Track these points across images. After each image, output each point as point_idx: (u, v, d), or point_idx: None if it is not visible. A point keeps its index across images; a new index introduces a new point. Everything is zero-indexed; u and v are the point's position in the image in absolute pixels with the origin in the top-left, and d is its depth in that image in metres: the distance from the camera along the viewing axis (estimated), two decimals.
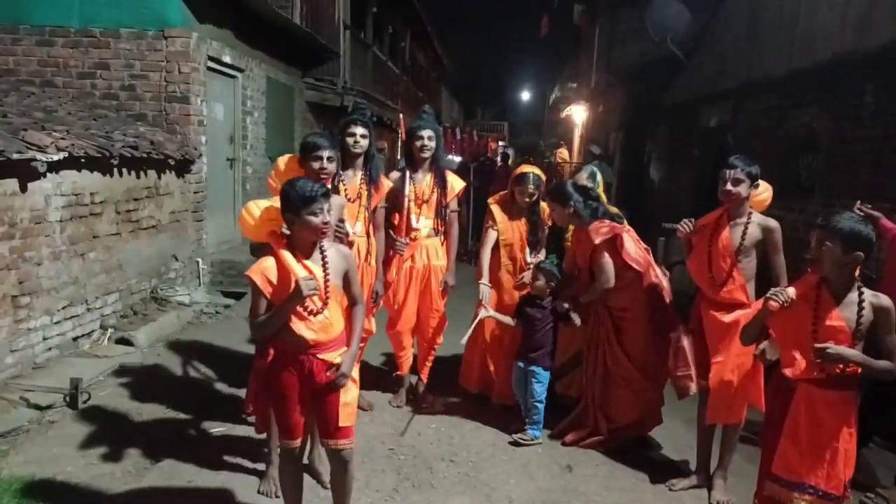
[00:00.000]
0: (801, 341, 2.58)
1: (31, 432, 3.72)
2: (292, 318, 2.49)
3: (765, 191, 3.45)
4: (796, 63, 6.33)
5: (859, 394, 2.64)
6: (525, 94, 44.73)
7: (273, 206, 2.68)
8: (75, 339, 4.93)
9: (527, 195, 4.22)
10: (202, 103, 6.62)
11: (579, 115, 18.26)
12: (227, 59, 7.22)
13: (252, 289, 2.53)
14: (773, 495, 2.69)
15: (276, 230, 2.65)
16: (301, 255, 2.54)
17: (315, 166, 3.23)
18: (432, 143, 4.21)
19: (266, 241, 2.64)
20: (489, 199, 4.50)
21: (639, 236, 3.96)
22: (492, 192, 5.03)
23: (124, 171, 5.44)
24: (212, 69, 6.92)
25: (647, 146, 11.96)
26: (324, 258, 2.57)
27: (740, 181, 3.19)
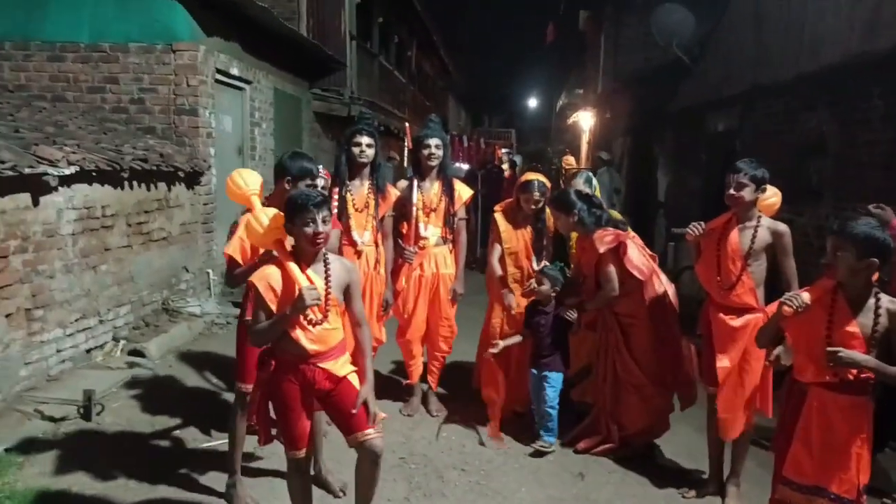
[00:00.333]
0: (814, 346, 2.56)
1: (45, 444, 3.74)
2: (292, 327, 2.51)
3: (773, 195, 3.44)
4: (803, 67, 6.31)
5: (873, 399, 2.62)
6: (532, 101, 44.75)
7: (281, 214, 2.68)
8: (88, 351, 4.96)
9: (532, 202, 4.22)
10: (210, 115, 6.67)
11: (586, 121, 18.23)
12: (235, 72, 7.28)
13: (254, 295, 2.55)
14: (784, 499, 2.67)
15: (283, 238, 2.66)
16: (304, 264, 2.56)
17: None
18: (440, 152, 4.22)
19: (272, 248, 2.64)
20: (495, 208, 4.50)
21: (645, 242, 3.95)
22: (500, 201, 5.03)
23: (135, 183, 5.48)
24: (220, 81, 6.97)
25: (654, 151, 11.94)
26: (326, 269, 2.59)
27: (744, 185, 3.16)
